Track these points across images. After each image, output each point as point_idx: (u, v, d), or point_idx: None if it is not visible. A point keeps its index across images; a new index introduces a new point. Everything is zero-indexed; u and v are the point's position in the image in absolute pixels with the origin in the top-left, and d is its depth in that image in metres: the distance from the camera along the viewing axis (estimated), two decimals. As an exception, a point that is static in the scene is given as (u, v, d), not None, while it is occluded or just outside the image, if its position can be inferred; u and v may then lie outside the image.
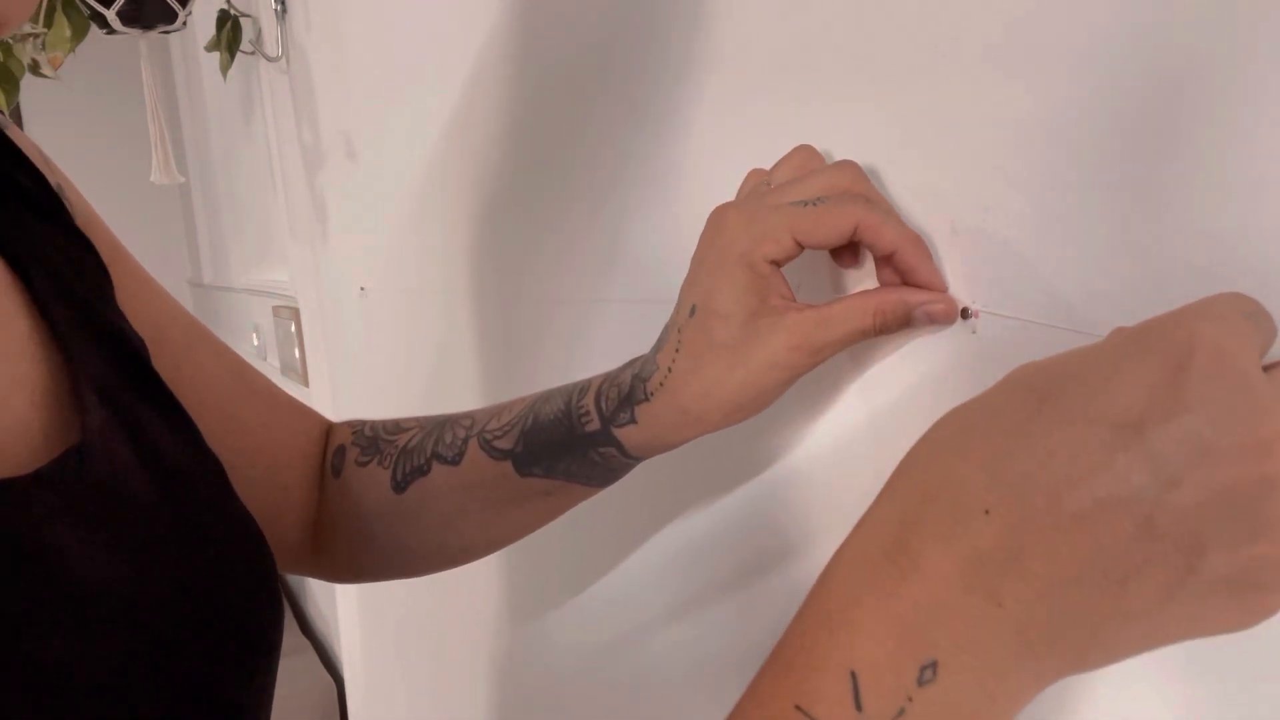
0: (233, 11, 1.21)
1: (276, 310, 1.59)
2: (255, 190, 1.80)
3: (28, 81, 1.18)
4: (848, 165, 0.38)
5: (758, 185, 0.40)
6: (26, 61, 1.17)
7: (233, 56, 1.22)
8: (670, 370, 0.39)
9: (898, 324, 0.37)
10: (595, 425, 0.43)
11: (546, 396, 0.46)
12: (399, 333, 1.01)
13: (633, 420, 0.41)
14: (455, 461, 0.47)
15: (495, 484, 0.46)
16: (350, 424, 0.53)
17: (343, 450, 0.51)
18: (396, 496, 0.49)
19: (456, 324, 0.85)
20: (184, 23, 1.14)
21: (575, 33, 0.60)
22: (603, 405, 0.42)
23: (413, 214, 0.90)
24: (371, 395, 1.15)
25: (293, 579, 2.17)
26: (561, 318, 0.67)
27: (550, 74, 0.64)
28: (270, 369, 1.78)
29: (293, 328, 1.43)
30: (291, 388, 1.57)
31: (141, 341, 0.39)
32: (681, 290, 0.40)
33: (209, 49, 1.25)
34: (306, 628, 1.97)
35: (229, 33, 1.21)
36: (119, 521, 0.32)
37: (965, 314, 0.37)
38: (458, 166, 0.79)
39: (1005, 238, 0.35)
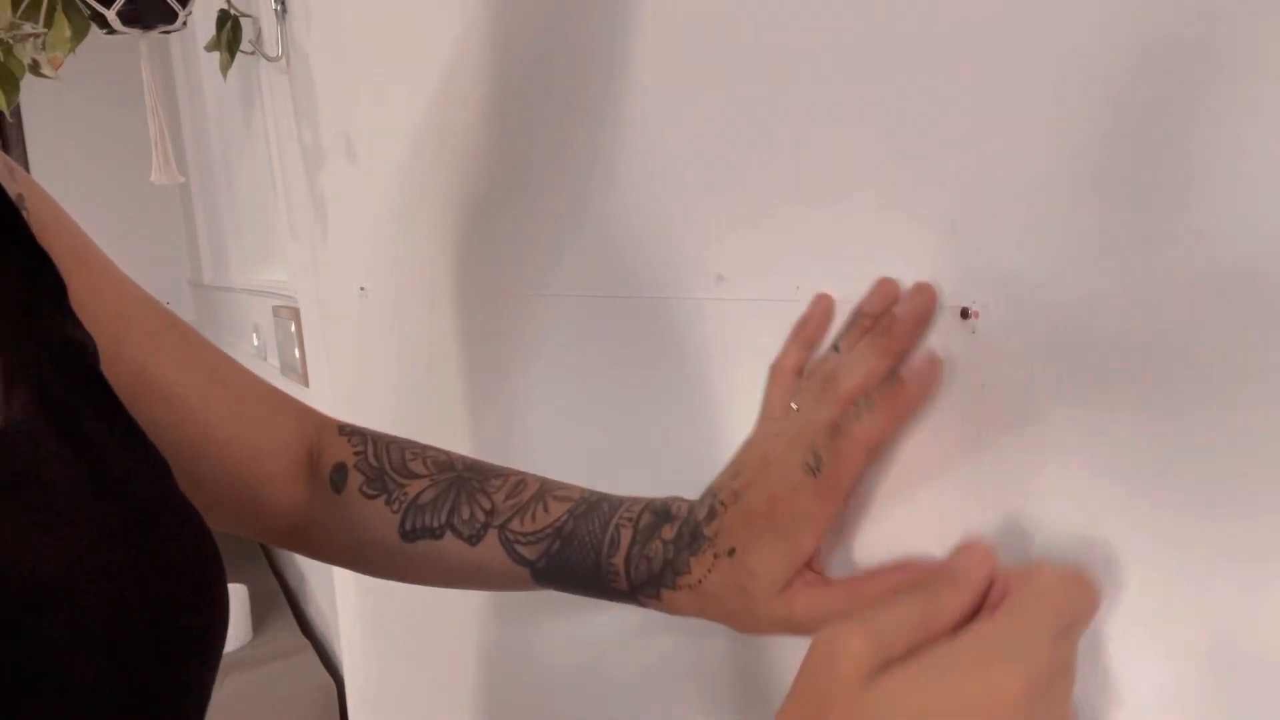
0: (233, 11, 1.21)
1: (276, 310, 1.59)
2: (255, 190, 1.80)
3: (28, 81, 1.18)
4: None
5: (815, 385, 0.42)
6: (26, 61, 1.17)
7: (233, 56, 1.22)
8: (700, 582, 0.42)
9: None
10: (623, 587, 0.45)
11: (578, 517, 0.47)
12: (399, 333, 1.01)
13: (657, 598, 0.44)
14: (471, 543, 0.48)
15: (506, 577, 0.48)
16: (346, 434, 0.53)
17: (344, 470, 0.51)
18: (401, 543, 0.49)
19: (457, 323, 0.85)
20: (184, 23, 1.14)
21: (573, 33, 0.60)
22: (632, 573, 0.45)
23: (413, 214, 0.90)
24: (371, 395, 1.15)
25: (294, 580, 2.18)
26: (562, 315, 0.67)
27: (548, 75, 0.64)
28: (270, 369, 1.78)
29: (293, 328, 1.43)
30: (291, 388, 1.57)
31: (91, 346, 0.39)
32: (729, 509, 0.42)
33: (209, 49, 1.25)
34: (306, 628, 1.97)
35: (229, 33, 1.21)
36: (44, 508, 0.32)
37: (965, 314, 0.37)
38: (458, 166, 0.79)
39: (1005, 238, 0.35)
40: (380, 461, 0.51)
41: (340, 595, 1.42)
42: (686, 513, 0.44)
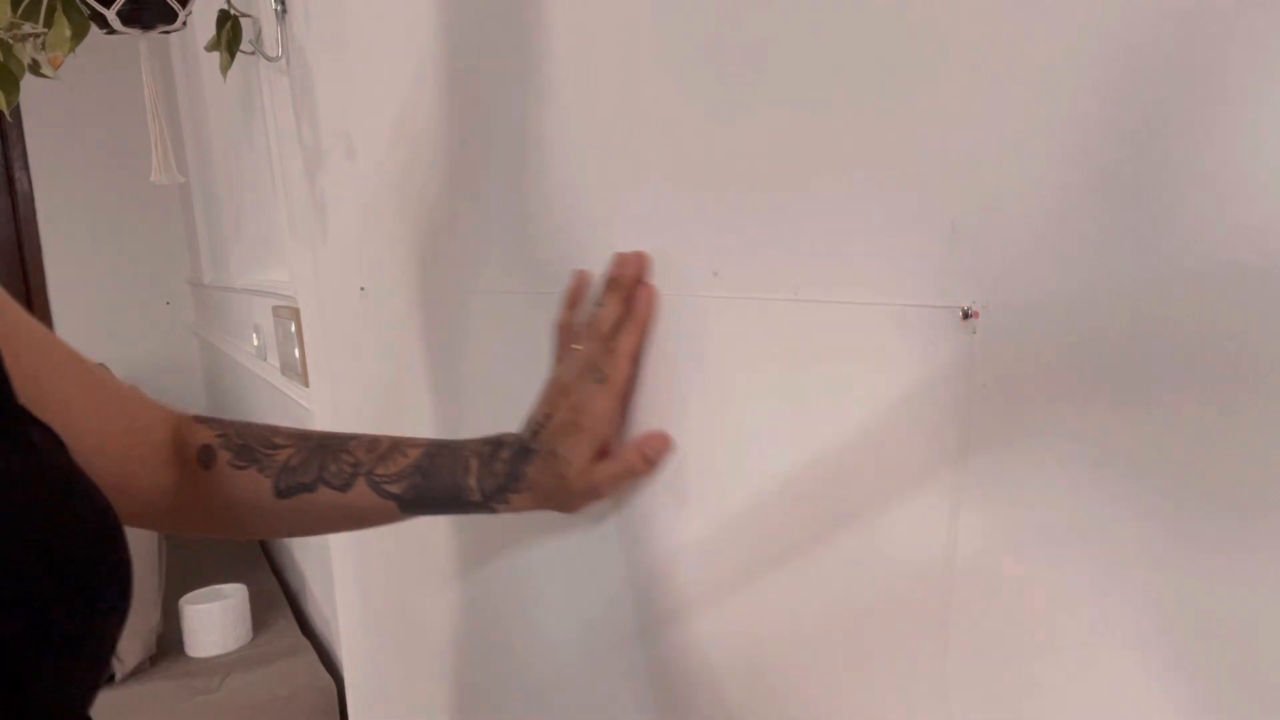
0: (233, 11, 1.21)
1: (276, 310, 1.59)
2: (255, 190, 1.80)
3: (28, 81, 1.18)
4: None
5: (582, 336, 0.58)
6: (26, 61, 1.17)
7: (233, 56, 1.22)
8: (536, 482, 0.58)
9: (648, 466, 0.57)
10: (477, 499, 0.59)
11: (432, 456, 0.60)
12: (400, 333, 1.01)
13: (506, 503, 0.59)
14: (343, 490, 0.59)
15: (376, 512, 0.60)
16: (204, 422, 0.60)
17: (210, 450, 0.59)
18: (277, 500, 0.59)
19: (457, 322, 0.85)
20: (184, 23, 1.14)
21: (574, 32, 0.60)
22: (484, 488, 0.59)
23: (413, 213, 0.90)
24: (372, 395, 1.15)
25: (294, 580, 2.18)
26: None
27: (546, 74, 0.64)
28: (270, 369, 1.78)
29: (293, 328, 1.43)
30: (291, 388, 1.57)
31: None
32: (545, 426, 0.58)
33: (209, 49, 1.25)
34: (306, 628, 1.97)
35: (229, 33, 1.21)
36: None
37: (965, 314, 0.37)
38: (458, 166, 0.79)
39: (1005, 237, 0.35)
40: (244, 439, 0.60)
41: (340, 595, 1.42)
42: (515, 438, 0.60)
